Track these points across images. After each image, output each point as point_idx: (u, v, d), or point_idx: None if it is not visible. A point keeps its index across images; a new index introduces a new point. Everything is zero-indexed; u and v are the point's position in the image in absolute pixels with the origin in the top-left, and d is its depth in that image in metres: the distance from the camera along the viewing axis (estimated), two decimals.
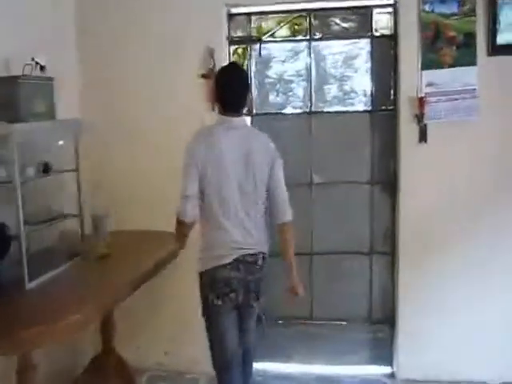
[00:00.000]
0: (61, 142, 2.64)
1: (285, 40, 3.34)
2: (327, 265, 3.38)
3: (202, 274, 2.45)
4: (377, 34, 3.25)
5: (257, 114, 3.37)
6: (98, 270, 2.56)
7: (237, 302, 2.43)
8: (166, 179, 3.05)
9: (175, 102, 3.23)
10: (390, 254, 3.31)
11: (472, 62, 3.09)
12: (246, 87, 2.51)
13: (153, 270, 2.60)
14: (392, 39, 3.21)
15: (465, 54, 3.10)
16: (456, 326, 3.17)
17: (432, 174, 3.13)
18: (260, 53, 3.33)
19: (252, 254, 2.43)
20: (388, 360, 3.35)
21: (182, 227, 2.43)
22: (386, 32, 3.24)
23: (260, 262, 2.46)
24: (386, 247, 3.32)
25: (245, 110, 2.56)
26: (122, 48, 3.28)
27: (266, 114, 3.37)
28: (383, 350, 3.37)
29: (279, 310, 3.29)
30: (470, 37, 3.10)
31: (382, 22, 3.25)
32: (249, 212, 2.43)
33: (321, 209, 3.36)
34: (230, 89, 2.42)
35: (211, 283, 2.41)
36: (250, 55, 3.35)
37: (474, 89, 3.09)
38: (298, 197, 3.24)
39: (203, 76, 3.21)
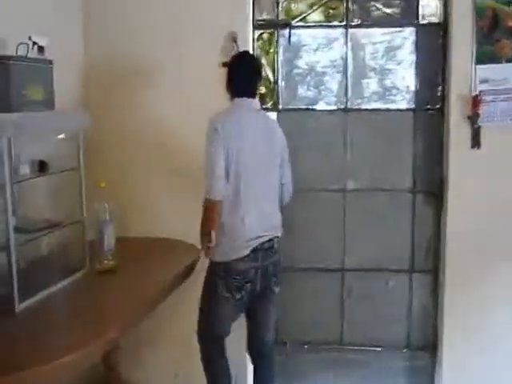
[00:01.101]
0: (60, 137, 2.25)
1: (318, 25, 2.94)
2: (361, 283, 2.99)
3: (216, 264, 2.39)
4: (424, 21, 2.86)
5: (284, 110, 2.98)
6: (104, 287, 2.18)
7: (254, 292, 2.41)
8: (176, 179, 2.83)
9: (190, 94, 2.85)
10: (433, 272, 2.93)
11: None
12: (259, 75, 2.55)
13: (170, 287, 2.22)
14: (441, 28, 2.83)
15: None
16: (508, 358, 2.78)
17: (485, 184, 2.75)
18: (289, 40, 2.94)
19: (269, 240, 2.41)
20: None
21: (212, 211, 2.32)
22: (435, 20, 2.85)
23: (276, 245, 2.45)
24: (428, 264, 2.94)
25: (257, 98, 2.53)
26: (131, 34, 2.89)
27: (294, 109, 2.98)
28: (422, 381, 2.98)
29: (305, 333, 2.97)
30: None
31: (429, 8, 2.86)
32: (268, 194, 2.45)
33: (355, 219, 2.97)
34: (243, 75, 2.48)
35: (225, 276, 2.36)
36: (277, 42, 2.96)
37: None
38: (329, 204, 2.97)
39: (225, 65, 2.83)
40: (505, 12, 2.70)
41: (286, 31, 2.93)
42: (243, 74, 2.46)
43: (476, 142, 2.74)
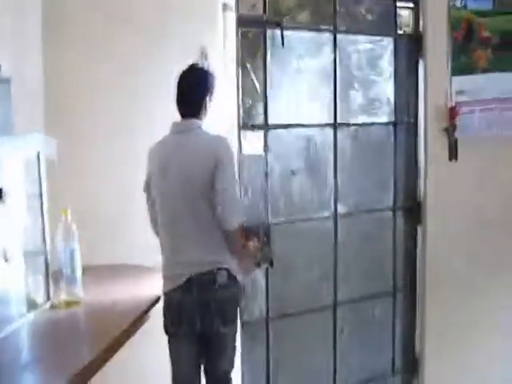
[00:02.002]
0: (19, 163, 2.09)
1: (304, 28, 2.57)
2: (352, 315, 2.74)
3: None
4: (400, 31, 2.77)
5: (271, 127, 2.50)
6: (69, 324, 2.02)
7: (195, 330, 2.10)
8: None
9: (154, 117, 2.71)
10: (413, 291, 2.84)
11: (510, 67, 2.67)
12: (195, 89, 2.18)
13: (138, 320, 2.07)
14: (415, 39, 2.76)
15: (502, 58, 2.69)
16: (489, 375, 2.72)
17: (463, 198, 2.70)
18: (283, 41, 2.46)
19: (207, 272, 2.07)
20: None
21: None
22: (409, 31, 2.78)
23: (221, 279, 2.09)
24: (408, 283, 2.84)
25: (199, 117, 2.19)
26: (96, 50, 2.73)
27: (284, 126, 2.54)
28: None
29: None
30: (508, 37, 2.69)
31: (405, 18, 2.78)
32: (198, 225, 2.10)
33: (345, 245, 2.69)
34: (179, 91, 2.17)
35: (166, 308, 2.14)
36: (265, 43, 2.48)
37: None
38: (319, 233, 2.66)
39: None
40: (479, 23, 2.67)
41: (277, 32, 2.47)
42: (176, 94, 2.18)
43: (453, 154, 2.69)
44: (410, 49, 2.77)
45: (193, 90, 2.18)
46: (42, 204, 2.10)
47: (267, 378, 2.58)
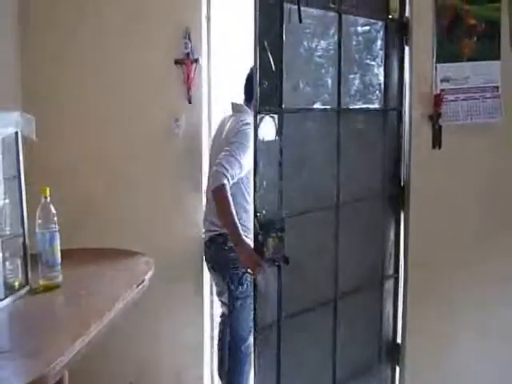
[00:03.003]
0: None
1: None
2: (347, 307, 2.59)
3: None
4: (390, 16, 2.71)
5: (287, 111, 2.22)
6: (49, 308, 1.96)
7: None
8: (130, 181, 2.65)
9: (141, 94, 2.66)
10: (396, 278, 2.81)
11: (495, 56, 2.67)
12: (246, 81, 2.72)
13: (121, 307, 2.02)
14: (401, 25, 2.74)
15: (486, 46, 2.68)
16: (471, 364, 2.75)
17: (446, 186, 2.70)
18: (300, 17, 2.15)
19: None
20: None
21: None
22: (396, 16, 2.75)
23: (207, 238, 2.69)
24: (392, 270, 2.82)
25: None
26: (74, 29, 2.64)
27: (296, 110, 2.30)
28: None
29: None
30: (493, 26, 2.68)
31: (393, 2, 2.74)
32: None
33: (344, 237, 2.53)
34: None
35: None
36: (282, 19, 2.15)
37: (497, 87, 2.67)
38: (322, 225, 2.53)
39: (177, 62, 2.66)
40: (465, 10, 2.65)
41: (294, 6, 2.14)
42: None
43: (437, 142, 2.69)
44: (397, 34, 2.73)
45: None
46: (20, 185, 2.03)
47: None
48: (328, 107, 2.45)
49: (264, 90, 2.09)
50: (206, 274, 2.81)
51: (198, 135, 2.69)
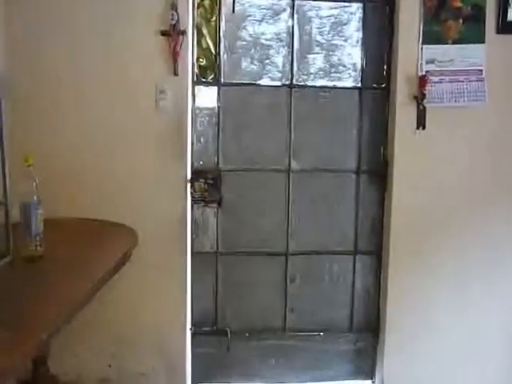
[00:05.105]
0: None
1: None
2: (304, 266, 2.90)
3: None
4: None
5: (225, 84, 2.78)
6: (31, 279, 1.93)
7: None
8: (115, 152, 2.62)
9: (126, 65, 2.61)
10: (376, 253, 2.89)
11: (479, 39, 2.70)
12: None
13: (104, 277, 2.00)
14: (387, 5, 2.75)
15: (472, 30, 2.70)
16: (451, 340, 2.82)
17: (429, 165, 2.74)
18: (233, 8, 2.73)
19: None
20: (370, 373, 2.97)
21: None
22: None
23: None
24: (371, 246, 2.89)
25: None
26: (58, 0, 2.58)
27: (237, 84, 2.79)
28: (365, 363, 2.96)
29: (246, 320, 2.85)
30: (478, 10, 2.70)
31: None
32: None
33: (299, 200, 2.86)
34: None
35: None
36: (220, 10, 2.74)
37: (481, 70, 2.70)
38: (272, 185, 2.82)
39: (163, 33, 2.62)
40: None
41: None
42: None
43: (421, 122, 2.71)
44: (382, 15, 2.76)
45: None
46: (2, 153, 1.98)
47: (215, 306, 2.86)
48: (278, 83, 2.79)
49: (202, 66, 2.77)
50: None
51: (184, 107, 2.67)
